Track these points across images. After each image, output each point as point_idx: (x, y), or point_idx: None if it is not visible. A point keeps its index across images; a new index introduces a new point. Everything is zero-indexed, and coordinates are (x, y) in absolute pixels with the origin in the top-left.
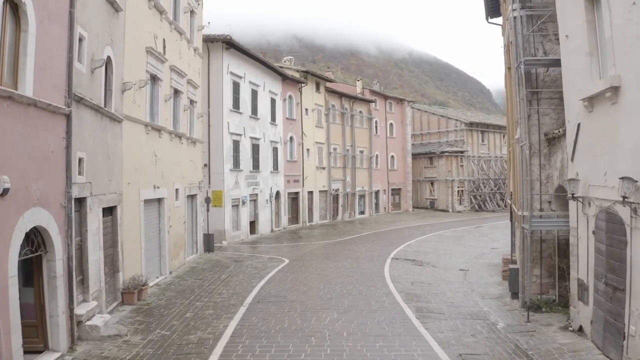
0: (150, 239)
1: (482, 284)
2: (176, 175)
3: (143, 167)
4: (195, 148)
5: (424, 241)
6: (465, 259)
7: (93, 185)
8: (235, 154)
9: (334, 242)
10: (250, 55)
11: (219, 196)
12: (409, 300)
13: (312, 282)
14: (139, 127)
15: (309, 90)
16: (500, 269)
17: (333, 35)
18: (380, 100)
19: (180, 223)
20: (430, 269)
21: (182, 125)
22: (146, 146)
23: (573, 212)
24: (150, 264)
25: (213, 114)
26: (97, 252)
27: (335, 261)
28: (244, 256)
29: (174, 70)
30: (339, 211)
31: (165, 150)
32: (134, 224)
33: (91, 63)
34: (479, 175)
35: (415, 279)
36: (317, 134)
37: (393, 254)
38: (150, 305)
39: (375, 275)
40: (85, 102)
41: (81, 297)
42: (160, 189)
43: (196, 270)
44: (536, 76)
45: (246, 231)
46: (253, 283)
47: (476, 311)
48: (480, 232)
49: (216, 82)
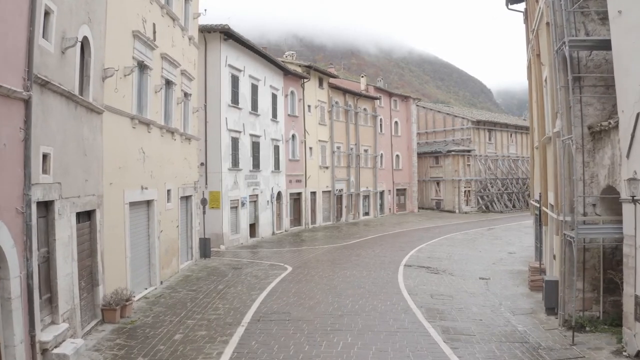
0: (138, 246)
1: (509, 295)
2: (168, 175)
3: (128, 166)
4: (190, 145)
5: (435, 245)
6: (483, 266)
7: (63, 186)
8: (234, 152)
9: (340, 247)
10: (250, 47)
11: (216, 197)
12: (432, 318)
13: (319, 294)
14: (124, 120)
15: (312, 86)
16: (526, 278)
17: (333, 35)
18: (384, 97)
19: (173, 227)
20: (448, 278)
21: (175, 120)
22: (132, 142)
23: (629, 217)
24: (138, 274)
25: (210, 109)
26: (69, 265)
27: (343, 269)
28: (243, 263)
29: (165, 58)
30: (342, 212)
31: (155, 146)
32: (117, 230)
33: (62, 42)
34: (486, 175)
35: (434, 290)
36: (320, 132)
37: (405, 260)
38: (135, 323)
39: (388, 286)
40: (53, 87)
41: (49, 319)
42: (149, 190)
43: (190, 280)
44: (578, 61)
45: (246, 234)
46: (253, 295)
47: (510, 331)
48: (493, 235)
49: (213, 75)
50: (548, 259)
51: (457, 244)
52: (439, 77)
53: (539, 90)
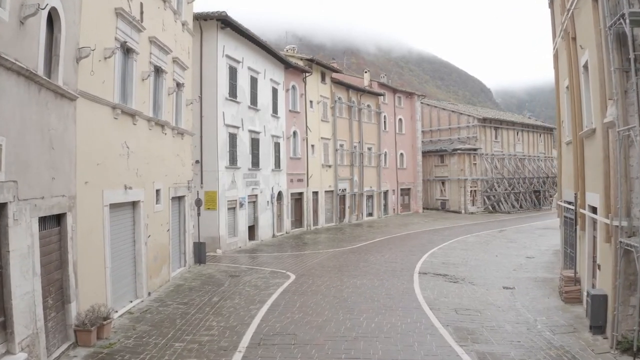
0: (120, 254)
1: (541, 309)
2: (157, 173)
3: (109, 162)
4: (184, 141)
5: (447, 249)
6: (503, 273)
7: (21, 185)
8: (231, 149)
9: (345, 251)
10: (249, 37)
11: (212, 198)
12: (462, 341)
13: (328, 309)
14: (104, 110)
15: (314, 80)
16: (554, 287)
17: (332, 34)
18: (388, 93)
19: (163, 231)
20: (470, 288)
21: (165, 112)
22: (114, 134)
23: None
24: (120, 286)
25: (206, 102)
26: (29, 281)
27: (352, 277)
28: (241, 269)
29: (154, 43)
30: (345, 213)
31: (142, 141)
32: (95, 237)
33: (20, 9)
34: (492, 174)
35: (457, 303)
36: (323, 129)
37: (418, 267)
38: (114, 347)
39: (406, 299)
40: (7, 64)
41: (2, 349)
42: (134, 190)
43: (182, 290)
44: (633, 40)
45: (244, 237)
46: (252, 311)
47: (555, 356)
48: (506, 238)
49: (210, 65)
50: (585, 267)
51: (471, 248)
52: (439, 77)
53: (574, 77)
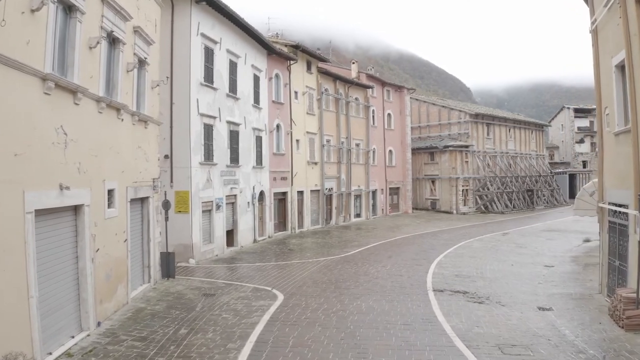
0: (55, 276)
1: (598, 341)
2: (110, 169)
3: (34, 152)
4: (148, 130)
5: (455, 257)
6: (529, 287)
7: None
8: (207, 143)
9: (339, 260)
10: (228, 15)
11: (184, 199)
12: None
13: (333, 351)
14: (28, 80)
15: (299, 69)
16: (598, 306)
17: (311, 31)
18: (377, 86)
19: (119, 242)
20: (501, 311)
21: (123, 93)
22: (44, 115)
23: None
24: (55, 319)
25: (177, 86)
26: None
27: (353, 297)
28: (217, 285)
29: (107, 3)
30: (332, 214)
31: (87, 126)
32: (11, 257)
33: None
34: (484, 172)
35: (496, 336)
36: (309, 123)
37: (430, 282)
38: None
39: (430, 331)
40: None
41: None
42: (74, 191)
43: (142, 317)
44: None
45: (222, 244)
46: (230, 352)
47: None
48: (513, 242)
49: (182, 44)
50: None
51: (480, 256)
52: (419, 76)
53: (629, 52)
